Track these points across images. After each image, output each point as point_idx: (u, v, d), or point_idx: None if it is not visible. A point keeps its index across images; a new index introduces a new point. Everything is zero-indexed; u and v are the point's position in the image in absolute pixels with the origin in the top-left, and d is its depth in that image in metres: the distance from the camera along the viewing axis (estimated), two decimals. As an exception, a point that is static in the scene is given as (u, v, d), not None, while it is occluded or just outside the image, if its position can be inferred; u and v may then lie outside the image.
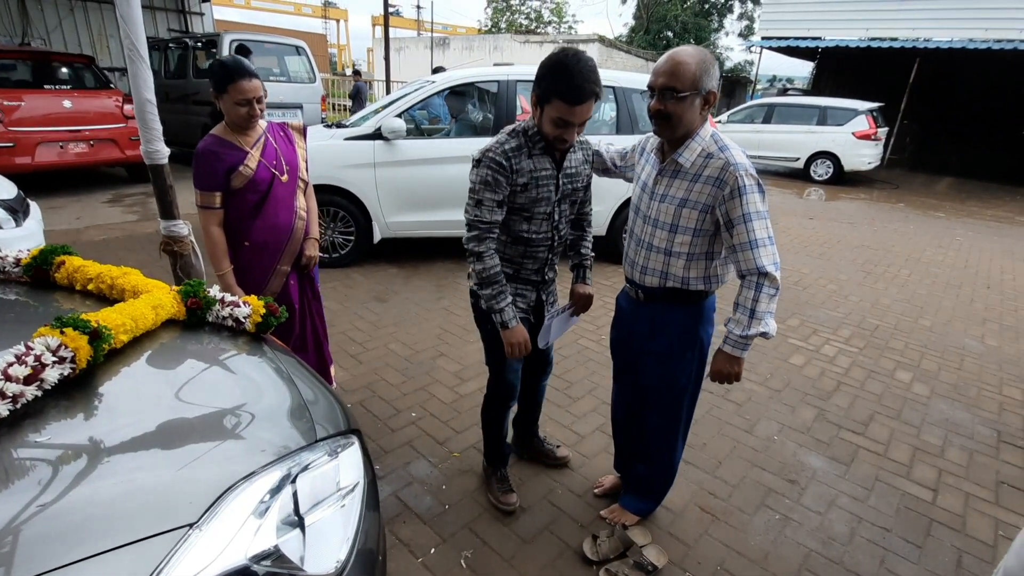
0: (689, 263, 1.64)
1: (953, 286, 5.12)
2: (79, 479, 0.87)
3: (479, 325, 1.95)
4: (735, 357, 1.62)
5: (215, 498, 0.88)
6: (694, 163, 1.57)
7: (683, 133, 1.56)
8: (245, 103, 1.93)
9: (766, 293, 1.53)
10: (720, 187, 1.52)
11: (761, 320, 1.54)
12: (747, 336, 1.57)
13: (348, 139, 4.31)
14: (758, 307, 1.53)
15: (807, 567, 1.93)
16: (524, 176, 1.68)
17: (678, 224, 1.61)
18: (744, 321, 1.56)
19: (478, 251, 1.69)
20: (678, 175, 1.60)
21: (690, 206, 1.58)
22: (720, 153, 1.54)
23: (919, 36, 12.19)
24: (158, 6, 11.44)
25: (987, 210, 9.21)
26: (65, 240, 4.90)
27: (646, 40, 28.42)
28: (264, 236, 2.11)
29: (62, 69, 6.95)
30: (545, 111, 1.59)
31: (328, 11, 39.57)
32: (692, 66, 1.46)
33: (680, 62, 1.47)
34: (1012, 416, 2.99)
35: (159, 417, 1.05)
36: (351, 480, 1.18)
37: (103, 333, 1.07)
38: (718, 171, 1.52)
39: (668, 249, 1.65)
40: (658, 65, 1.52)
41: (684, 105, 1.49)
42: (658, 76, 1.50)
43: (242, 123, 1.99)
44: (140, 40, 2.42)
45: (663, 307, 1.75)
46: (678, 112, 1.50)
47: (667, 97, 1.49)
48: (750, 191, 1.50)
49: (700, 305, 1.74)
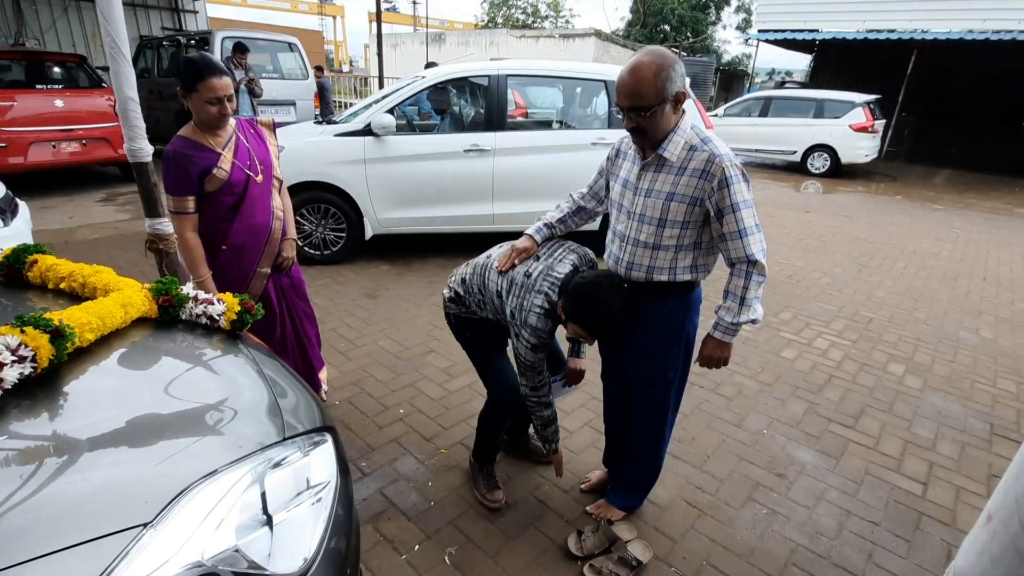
0: (677, 254, 1.65)
1: (949, 278, 5.10)
2: (34, 479, 0.85)
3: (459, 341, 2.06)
4: (725, 343, 1.66)
5: (172, 497, 0.87)
6: (679, 156, 1.57)
7: (662, 135, 1.57)
8: (216, 101, 1.87)
9: (755, 281, 1.57)
10: (707, 179, 1.53)
11: (750, 307, 1.59)
12: (737, 323, 1.62)
13: (338, 135, 4.28)
14: (747, 295, 1.58)
15: (793, 562, 1.92)
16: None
17: (666, 218, 1.61)
18: (735, 308, 1.61)
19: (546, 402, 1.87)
20: (663, 169, 1.60)
21: (678, 199, 1.58)
22: (704, 145, 1.55)
23: (916, 28, 12.14)
24: (151, 4, 11.39)
25: (985, 202, 9.17)
26: (57, 240, 4.90)
27: (643, 34, 28.31)
28: (242, 238, 2.06)
29: (54, 69, 6.92)
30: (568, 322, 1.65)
31: (324, 7, 39.46)
32: (651, 79, 1.46)
33: (640, 79, 1.47)
34: (1005, 409, 2.97)
35: (123, 415, 1.03)
36: (323, 478, 1.16)
37: (65, 332, 1.06)
38: (703, 163, 1.53)
39: (656, 243, 1.64)
40: (620, 84, 1.51)
41: (655, 119, 1.51)
42: (622, 98, 1.51)
43: (213, 123, 1.93)
44: (122, 38, 2.40)
45: (649, 301, 1.74)
46: (651, 126, 1.53)
47: (635, 116, 1.51)
48: (737, 181, 1.52)
49: (686, 297, 1.73)
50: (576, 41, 16.85)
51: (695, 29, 28.93)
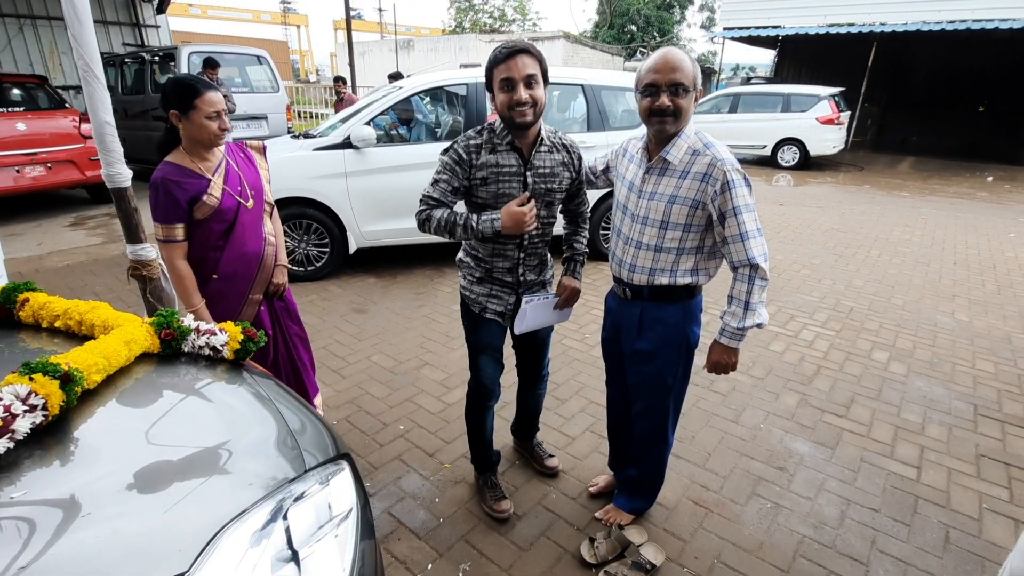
0: (679, 257, 1.67)
1: (922, 264, 5.26)
2: (59, 534, 0.83)
3: (463, 324, 2.01)
4: (732, 348, 1.68)
5: (206, 543, 0.85)
6: (682, 160, 1.61)
7: (683, 126, 1.60)
8: (215, 116, 1.83)
9: (758, 285, 1.59)
10: (710, 183, 1.55)
11: (755, 311, 1.61)
12: (743, 328, 1.63)
13: (317, 149, 4.24)
14: (751, 299, 1.60)
15: (801, 553, 1.96)
16: (484, 171, 1.71)
17: (668, 220, 1.64)
18: (740, 313, 1.62)
19: (423, 217, 1.75)
20: (666, 172, 1.63)
21: (680, 202, 1.61)
22: (706, 150, 1.58)
23: (875, 20, 12.54)
24: (111, 20, 11.09)
25: (949, 187, 9.49)
26: (27, 268, 4.74)
27: (610, 35, 28.63)
28: (233, 267, 2.00)
29: (13, 91, 6.70)
30: (495, 90, 1.65)
31: (288, 17, 38.95)
32: (690, 64, 1.53)
33: (682, 58, 1.52)
34: (986, 389, 3.08)
35: (140, 459, 1.01)
36: (344, 507, 1.15)
37: (75, 376, 1.03)
38: (706, 167, 1.56)
39: (658, 245, 1.67)
40: (658, 64, 1.53)
41: (690, 100, 1.55)
42: (664, 73, 1.52)
43: (214, 140, 1.88)
44: (95, 60, 2.33)
45: (651, 305, 1.76)
46: (686, 106, 1.55)
47: (678, 93, 1.53)
48: (738, 185, 1.54)
49: (688, 303, 1.75)
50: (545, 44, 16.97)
51: (661, 29, 29.36)
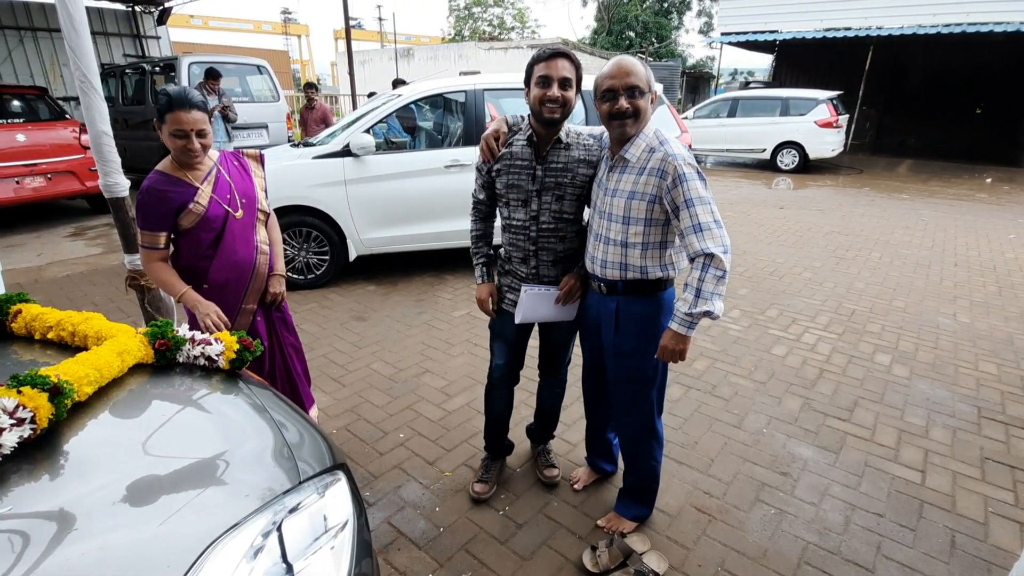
0: (645, 252, 1.72)
1: (923, 266, 5.24)
2: (47, 549, 0.81)
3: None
4: (681, 335, 1.65)
5: (197, 555, 0.83)
6: (639, 157, 1.68)
7: (642, 127, 1.68)
8: (181, 135, 1.78)
9: (712, 274, 1.58)
10: (662, 177, 1.62)
11: (707, 300, 1.58)
12: (692, 314, 1.61)
13: (317, 157, 4.24)
14: (703, 287, 1.59)
15: (806, 560, 1.93)
16: (500, 163, 1.86)
17: (629, 216, 1.70)
18: (690, 299, 1.61)
19: (470, 220, 2.02)
20: (626, 170, 1.71)
21: (638, 198, 1.67)
22: (660, 147, 1.66)
23: (871, 24, 12.58)
24: (112, 32, 11.17)
25: (948, 189, 9.48)
26: (27, 278, 4.74)
27: (609, 41, 28.77)
28: (224, 276, 1.97)
29: (14, 102, 6.73)
30: (531, 85, 1.75)
31: (289, 27, 39.22)
32: (643, 68, 1.63)
33: (634, 63, 1.63)
34: (989, 391, 3.06)
35: (131, 474, 0.99)
36: (340, 518, 1.13)
37: (64, 388, 1.01)
38: (659, 162, 1.63)
39: (623, 241, 1.72)
40: (613, 70, 1.63)
41: (646, 101, 1.65)
42: (620, 78, 1.62)
43: (178, 156, 1.84)
44: (92, 71, 2.34)
45: (626, 300, 1.80)
46: (643, 107, 1.64)
47: (634, 95, 1.62)
48: (690, 178, 1.59)
49: (660, 296, 1.80)
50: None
51: (659, 35, 29.51)
